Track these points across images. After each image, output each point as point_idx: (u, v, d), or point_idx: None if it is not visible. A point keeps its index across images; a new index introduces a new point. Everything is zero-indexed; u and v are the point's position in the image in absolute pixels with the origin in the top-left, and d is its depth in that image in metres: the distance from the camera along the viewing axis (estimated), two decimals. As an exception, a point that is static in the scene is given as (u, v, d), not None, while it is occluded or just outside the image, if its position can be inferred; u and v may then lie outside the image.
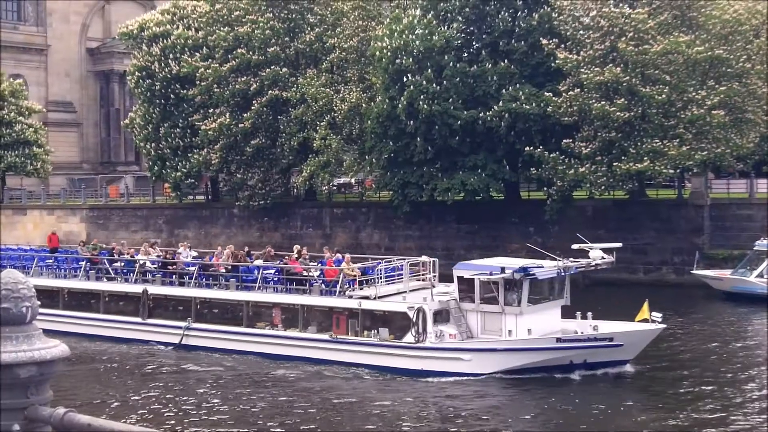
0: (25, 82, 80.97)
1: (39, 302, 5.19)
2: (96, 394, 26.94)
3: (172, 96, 58.52)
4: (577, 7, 44.18)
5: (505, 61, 45.60)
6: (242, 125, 54.51)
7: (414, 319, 28.14)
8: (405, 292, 30.54)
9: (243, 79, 54.88)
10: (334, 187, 60.06)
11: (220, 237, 58.78)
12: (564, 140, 43.29)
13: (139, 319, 35.25)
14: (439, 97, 45.13)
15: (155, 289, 35.79)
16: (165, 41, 58.78)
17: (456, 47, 46.85)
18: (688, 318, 36.68)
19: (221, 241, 57.69)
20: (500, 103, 44.32)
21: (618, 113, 41.48)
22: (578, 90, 42.70)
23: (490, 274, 27.72)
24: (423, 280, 32.04)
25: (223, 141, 55.41)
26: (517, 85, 44.88)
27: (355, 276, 31.31)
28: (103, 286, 37.84)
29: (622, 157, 42.01)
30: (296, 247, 36.22)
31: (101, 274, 38.82)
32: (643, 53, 41.48)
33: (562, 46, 43.76)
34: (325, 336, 30.14)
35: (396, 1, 52.70)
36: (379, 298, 29.99)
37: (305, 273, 33.09)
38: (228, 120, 54.89)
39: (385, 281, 31.54)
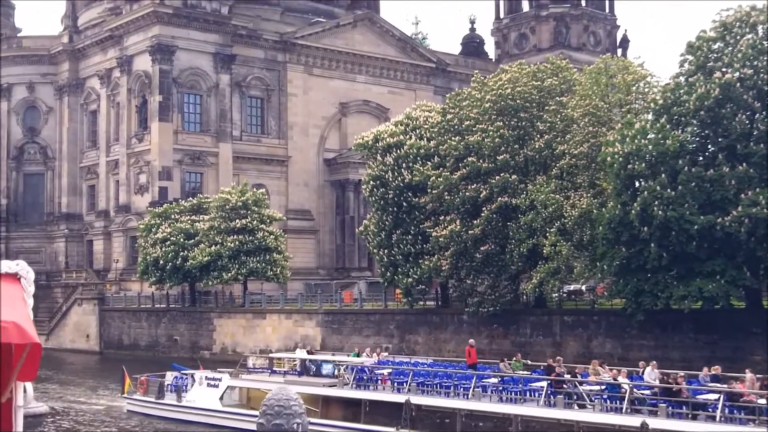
0: (267, 192, 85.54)
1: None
2: None
3: (404, 203, 60.02)
4: (822, 107, 42.23)
5: (744, 164, 43.96)
6: (472, 232, 55.00)
7: None
8: None
9: (473, 186, 55.62)
10: (565, 294, 59.24)
11: (450, 343, 59.05)
12: (811, 246, 40.98)
13: None
14: (674, 203, 43.93)
15: (659, 423, 28.74)
16: (398, 151, 60.69)
17: (690, 151, 45.68)
18: None
19: (451, 347, 58.04)
20: (739, 208, 42.59)
21: None
22: (825, 193, 40.50)
23: None
24: None
25: (453, 247, 56.04)
26: (757, 189, 43.07)
27: None
28: (576, 415, 31.25)
29: None
30: None
31: (570, 400, 32.02)
32: None
33: (806, 148, 41.79)
34: None
35: (627, 107, 52.29)
36: None
37: None
38: (458, 227, 55.56)
39: None
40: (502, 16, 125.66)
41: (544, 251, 51.06)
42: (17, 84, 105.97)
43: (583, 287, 61.11)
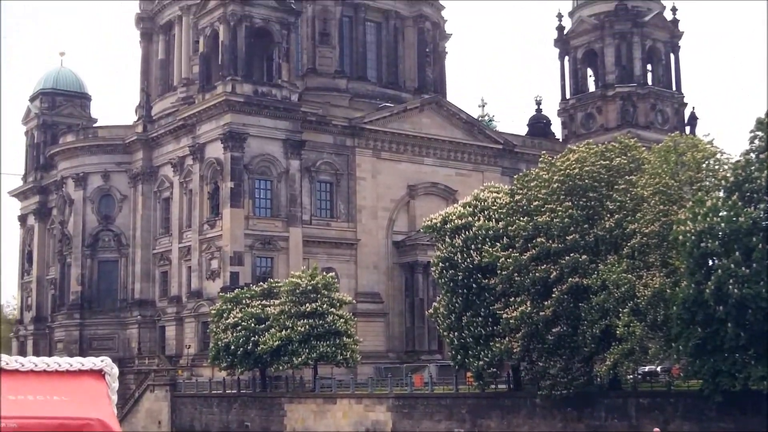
0: (336, 275, 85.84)
1: None
2: None
3: (474, 285, 59.73)
4: None
5: (821, 240, 43.19)
6: (543, 313, 54.47)
7: None
8: None
9: (543, 267, 55.26)
10: (639, 376, 58.10)
11: (523, 427, 58.06)
12: None
13: None
14: (750, 281, 43.18)
15: None
16: (467, 232, 60.65)
17: (764, 228, 45.01)
18: None
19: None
20: (818, 285, 41.74)
21: None
22: None
23: None
24: None
25: (524, 329, 55.48)
26: (836, 265, 42.20)
27: None
28: None
29: None
30: None
31: None
32: None
33: None
34: None
35: (698, 184, 51.85)
36: None
37: None
38: (529, 308, 55.09)
39: None
40: (568, 96, 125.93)
41: (618, 332, 50.31)
42: (93, 173, 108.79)
43: (659, 368, 59.96)
